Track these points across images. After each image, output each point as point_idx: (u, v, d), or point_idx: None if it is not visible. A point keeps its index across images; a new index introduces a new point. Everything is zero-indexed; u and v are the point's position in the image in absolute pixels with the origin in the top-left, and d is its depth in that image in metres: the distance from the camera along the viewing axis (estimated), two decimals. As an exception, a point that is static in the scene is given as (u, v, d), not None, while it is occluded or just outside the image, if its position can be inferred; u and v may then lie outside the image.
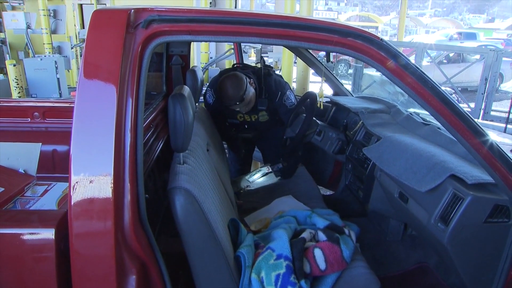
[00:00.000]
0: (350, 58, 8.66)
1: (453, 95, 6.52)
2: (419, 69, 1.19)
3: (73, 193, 1.02)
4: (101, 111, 1.03)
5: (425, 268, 1.95)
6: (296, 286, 1.32)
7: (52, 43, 6.12)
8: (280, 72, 3.79)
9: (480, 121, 5.95)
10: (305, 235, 1.53)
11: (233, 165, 2.85)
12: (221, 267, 1.26)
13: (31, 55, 6.04)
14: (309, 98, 2.32)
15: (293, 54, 3.49)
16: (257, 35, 1.14)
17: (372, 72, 6.91)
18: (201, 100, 2.72)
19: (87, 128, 1.03)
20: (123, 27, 1.05)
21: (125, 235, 1.06)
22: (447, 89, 6.68)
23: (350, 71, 10.01)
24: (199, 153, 1.54)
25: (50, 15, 6.12)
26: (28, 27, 5.87)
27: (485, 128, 1.26)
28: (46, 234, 1.04)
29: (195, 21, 1.11)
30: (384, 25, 25.36)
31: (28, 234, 1.05)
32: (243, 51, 3.18)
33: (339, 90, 2.83)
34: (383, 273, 1.91)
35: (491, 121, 6.04)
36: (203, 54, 6.06)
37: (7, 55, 6.90)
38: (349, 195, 2.55)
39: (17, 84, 5.07)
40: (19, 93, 5.11)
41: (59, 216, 1.07)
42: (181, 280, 1.45)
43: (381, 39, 1.16)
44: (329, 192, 2.93)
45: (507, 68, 9.38)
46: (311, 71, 3.10)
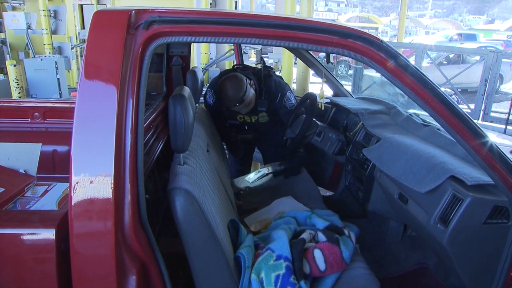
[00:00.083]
0: (350, 59, 8.68)
1: (453, 96, 6.53)
2: (418, 70, 1.19)
3: (73, 194, 1.02)
4: (101, 112, 1.03)
5: (424, 269, 1.95)
6: (296, 287, 1.32)
7: (52, 44, 6.11)
8: (280, 73, 3.79)
9: (480, 122, 5.95)
10: (305, 236, 1.54)
11: (233, 166, 2.85)
12: (221, 267, 1.26)
13: (32, 55, 6.03)
14: (309, 99, 2.32)
15: (293, 55, 3.50)
16: (257, 36, 1.15)
17: (372, 73, 6.92)
18: (201, 101, 2.72)
19: (87, 128, 1.03)
20: (124, 28, 1.05)
21: (125, 236, 1.06)
22: (447, 90, 6.69)
23: (350, 72, 10.01)
24: (199, 153, 1.54)
25: (50, 16, 6.12)
26: (29, 27, 5.87)
27: (484, 129, 1.27)
28: (47, 234, 1.05)
29: (196, 22, 1.12)
30: (384, 26, 25.38)
31: (28, 235, 1.06)
32: (243, 52, 3.18)
33: (339, 91, 2.83)
34: (382, 274, 1.91)
35: (491, 122, 6.03)
36: (203, 55, 6.08)
37: (8, 55, 6.91)
38: (349, 196, 2.55)
39: (17, 85, 5.07)
40: (19, 93, 5.11)
41: (59, 217, 1.08)
42: (181, 281, 1.45)
43: (381, 41, 1.17)
44: (329, 193, 2.93)
45: (507, 69, 9.41)
46: (311, 72, 3.11)
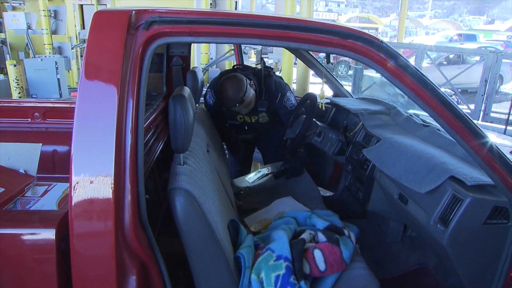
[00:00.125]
0: (350, 59, 8.68)
1: (453, 97, 6.54)
2: (418, 70, 1.19)
3: (73, 194, 1.02)
4: (102, 112, 1.03)
5: (424, 269, 1.95)
6: (296, 287, 1.32)
7: (52, 44, 6.12)
8: (280, 73, 3.79)
9: (479, 122, 5.95)
10: (305, 236, 1.54)
11: (233, 166, 2.85)
12: (221, 267, 1.26)
13: (32, 55, 6.04)
14: (309, 99, 2.32)
15: (293, 55, 3.50)
16: (257, 37, 1.15)
17: (372, 74, 6.92)
18: (201, 101, 2.72)
19: (88, 128, 1.03)
20: (124, 28, 1.05)
21: (125, 236, 1.06)
22: (447, 90, 6.69)
23: (350, 72, 10.02)
24: (199, 154, 1.54)
25: (50, 16, 6.13)
26: (29, 27, 5.88)
27: (484, 130, 1.27)
28: (47, 234, 1.05)
29: (196, 23, 1.12)
30: (384, 27, 25.38)
31: (29, 235, 1.06)
32: (243, 52, 3.19)
33: (339, 91, 2.83)
34: (382, 274, 1.91)
35: (491, 122, 6.04)
36: (203, 55, 6.08)
37: (8, 55, 6.92)
38: (348, 196, 2.55)
39: (18, 85, 5.07)
40: (19, 93, 5.11)
41: (59, 217, 1.08)
42: (181, 281, 1.45)
43: (381, 41, 1.17)
44: (329, 193, 2.93)
45: (507, 69, 9.40)
46: (311, 72, 3.11)
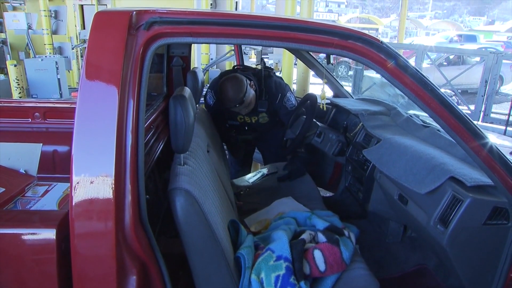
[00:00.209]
0: (350, 60, 8.68)
1: (453, 97, 6.53)
2: (418, 71, 1.20)
3: (74, 194, 1.02)
4: (102, 112, 1.03)
5: (424, 270, 1.95)
6: (296, 287, 1.32)
7: (53, 44, 6.13)
8: (280, 73, 3.79)
9: (480, 123, 5.95)
10: (305, 236, 1.54)
11: (233, 166, 2.85)
12: (221, 268, 1.26)
13: (32, 55, 6.05)
14: (310, 99, 2.33)
15: (294, 56, 3.50)
16: (258, 37, 1.15)
17: (372, 74, 6.92)
18: (201, 101, 2.72)
19: (88, 128, 1.03)
20: (125, 28, 1.05)
21: (125, 236, 1.07)
22: (447, 91, 6.69)
23: (350, 73, 10.02)
24: (200, 154, 1.54)
25: (51, 16, 6.13)
26: (29, 27, 5.88)
27: (484, 131, 1.27)
28: (48, 234, 1.05)
29: (197, 23, 1.12)
30: (384, 27, 25.37)
31: (29, 234, 1.06)
32: (243, 53, 3.19)
33: (339, 92, 2.83)
34: (382, 274, 1.91)
35: (491, 123, 6.04)
36: (204, 55, 6.08)
37: (8, 55, 6.93)
38: (348, 196, 2.55)
39: (18, 85, 5.07)
40: (19, 93, 5.11)
41: (60, 217, 1.08)
42: (181, 281, 1.46)
43: (381, 42, 1.17)
44: (329, 194, 2.93)
45: (507, 70, 9.39)
46: (312, 73, 3.11)
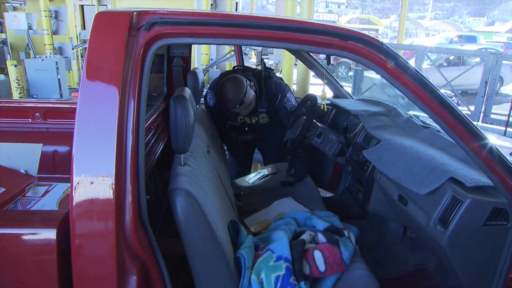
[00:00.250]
0: (350, 60, 8.69)
1: (453, 98, 6.53)
2: (418, 72, 1.20)
3: (74, 194, 1.02)
4: (103, 113, 1.03)
5: (424, 270, 1.95)
6: (296, 288, 1.33)
7: (53, 44, 6.13)
8: (280, 74, 3.79)
9: (480, 124, 5.94)
10: (305, 237, 1.54)
11: (233, 167, 2.85)
12: (221, 268, 1.27)
13: (32, 55, 6.05)
14: (310, 100, 2.33)
15: (294, 56, 3.50)
16: (258, 38, 1.15)
17: (372, 75, 6.93)
18: (201, 102, 2.73)
19: (89, 129, 1.03)
20: (126, 29, 1.05)
21: (126, 236, 1.07)
22: (447, 92, 6.69)
23: (350, 73, 10.02)
24: (200, 154, 1.54)
25: (51, 16, 6.13)
26: (30, 27, 5.89)
27: (484, 131, 1.27)
28: (48, 234, 1.05)
29: (197, 24, 1.12)
30: (384, 28, 25.38)
31: (30, 235, 1.06)
32: (243, 53, 3.19)
33: (339, 93, 2.83)
34: (382, 275, 1.91)
35: (491, 124, 6.03)
36: (204, 56, 6.08)
37: (8, 55, 6.93)
38: (348, 197, 2.55)
39: (18, 85, 5.07)
40: (20, 93, 5.11)
41: (60, 217, 1.08)
42: (181, 281, 1.46)
43: (381, 43, 1.17)
44: (329, 194, 2.93)
45: (507, 71, 9.39)
46: (312, 73, 3.11)
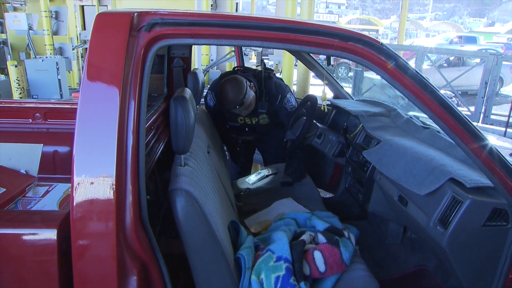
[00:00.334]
0: (350, 61, 8.66)
1: (453, 99, 6.53)
2: (418, 73, 1.20)
3: (75, 194, 1.02)
4: (104, 113, 1.04)
5: (424, 271, 1.95)
6: (296, 288, 1.33)
7: (53, 44, 6.14)
8: (280, 75, 3.80)
9: (480, 124, 5.95)
10: (305, 237, 1.54)
11: (233, 167, 2.85)
12: (221, 268, 1.27)
13: (33, 56, 6.06)
14: (310, 101, 2.33)
15: (294, 57, 3.50)
16: (258, 39, 1.15)
17: (372, 76, 6.92)
18: (201, 102, 2.73)
19: (90, 129, 1.03)
20: (126, 30, 1.06)
21: (126, 236, 1.07)
22: (447, 92, 6.69)
23: (350, 74, 10.03)
24: (200, 155, 1.54)
25: (51, 17, 6.14)
26: (30, 28, 5.89)
27: (484, 132, 1.27)
28: (48, 234, 1.05)
29: (198, 25, 1.12)
30: (384, 28, 25.40)
31: (30, 235, 1.06)
32: (243, 54, 3.19)
33: (339, 93, 2.84)
34: (382, 275, 1.91)
35: (491, 124, 6.04)
36: (204, 56, 6.08)
37: (9, 56, 6.94)
38: (348, 198, 2.55)
39: (18, 85, 5.08)
40: (20, 94, 5.11)
41: (61, 217, 1.08)
42: (181, 281, 1.46)
43: (381, 43, 1.17)
44: (329, 195, 2.93)
45: (507, 72, 9.39)
46: (312, 74, 3.11)
